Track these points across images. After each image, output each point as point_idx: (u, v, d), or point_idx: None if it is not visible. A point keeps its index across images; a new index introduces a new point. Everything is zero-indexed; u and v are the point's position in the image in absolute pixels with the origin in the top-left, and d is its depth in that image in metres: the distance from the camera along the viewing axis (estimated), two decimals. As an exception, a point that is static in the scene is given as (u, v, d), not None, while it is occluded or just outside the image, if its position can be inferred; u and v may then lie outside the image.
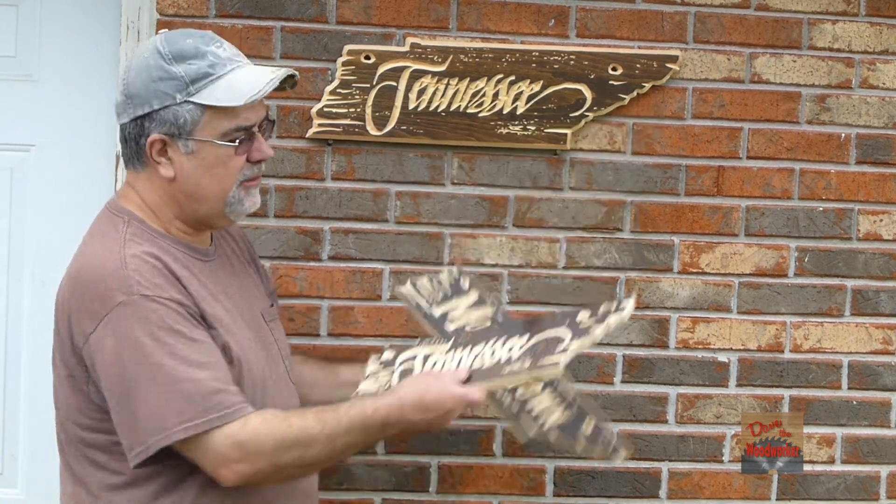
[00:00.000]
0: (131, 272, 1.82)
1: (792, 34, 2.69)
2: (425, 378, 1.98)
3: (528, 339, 2.08)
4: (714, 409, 2.72)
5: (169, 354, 1.79)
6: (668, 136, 2.67)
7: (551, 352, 2.03)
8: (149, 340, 1.79)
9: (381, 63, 2.57)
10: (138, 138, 1.92)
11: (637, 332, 2.69)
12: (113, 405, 1.83)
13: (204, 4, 2.55)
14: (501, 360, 2.05)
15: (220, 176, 1.94)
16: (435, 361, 2.11)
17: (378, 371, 2.16)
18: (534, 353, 2.03)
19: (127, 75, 1.93)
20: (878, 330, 2.76)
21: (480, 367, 2.05)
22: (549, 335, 2.08)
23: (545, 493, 2.70)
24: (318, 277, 2.61)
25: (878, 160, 2.73)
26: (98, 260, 1.86)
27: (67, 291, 1.89)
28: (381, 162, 2.61)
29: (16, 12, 2.72)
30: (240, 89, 1.91)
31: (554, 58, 2.60)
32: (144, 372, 1.79)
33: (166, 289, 1.84)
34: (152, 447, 1.79)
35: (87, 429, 1.90)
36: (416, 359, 2.14)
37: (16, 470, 2.78)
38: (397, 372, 2.13)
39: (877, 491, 2.78)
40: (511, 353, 2.06)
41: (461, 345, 2.13)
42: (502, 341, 2.10)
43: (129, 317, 1.79)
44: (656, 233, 2.68)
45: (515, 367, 2.02)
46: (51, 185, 2.74)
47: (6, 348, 2.76)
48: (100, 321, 1.81)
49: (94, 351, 1.82)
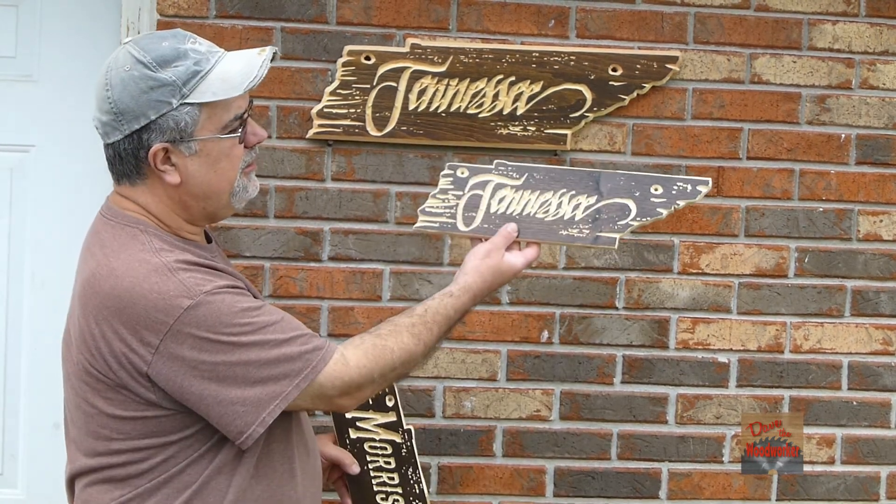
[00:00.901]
0: (183, 276, 1.82)
1: (792, 35, 2.69)
2: (491, 262, 2.09)
3: (596, 201, 2.13)
4: (714, 409, 2.72)
5: (254, 332, 1.83)
6: (668, 137, 2.67)
7: (612, 224, 2.11)
8: (230, 329, 1.82)
9: (382, 64, 2.57)
10: (136, 152, 1.87)
11: (637, 332, 2.70)
12: (207, 406, 1.83)
13: (204, 5, 2.55)
14: (564, 218, 2.13)
15: (225, 169, 1.93)
16: (503, 197, 2.17)
17: (448, 189, 2.21)
18: (595, 219, 2.12)
19: (110, 93, 1.86)
20: (878, 330, 2.76)
21: (543, 219, 2.14)
22: (615, 202, 2.13)
23: (545, 493, 2.70)
24: (319, 278, 2.61)
25: (878, 161, 2.73)
26: (139, 273, 1.83)
27: (108, 311, 1.83)
28: (382, 162, 2.61)
29: (16, 12, 2.72)
30: (234, 79, 1.89)
31: (554, 58, 2.60)
32: (235, 358, 1.81)
33: (219, 280, 1.86)
34: (269, 417, 1.84)
35: (119, 439, 1.90)
36: (486, 186, 2.19)
37: (16, 470, 2.78)
38: (466, 196, 2.18)
39: (877, 491, 2.78)
40: (575, 213, 2.13)
41: (531, 187, 2.17)
42: (570, 196, 2.14)
43: (202, 316, 1.80)
44: (656, 233, 2.68)
45: (574, 231, 2.12)
46: (51, 185, 2.74)
47: (6, 348, 2.76)
48: (167, 331, 1.80)
49: (170, 361, 1.81)
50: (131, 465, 1.88)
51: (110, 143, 1.89)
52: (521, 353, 2.67)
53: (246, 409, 1.83)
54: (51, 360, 2.08)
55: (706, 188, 2.12)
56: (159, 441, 1.87)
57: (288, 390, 1.84)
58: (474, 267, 2.08)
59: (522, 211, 2.15)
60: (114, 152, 1.90)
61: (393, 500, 2.42)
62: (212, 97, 1.87)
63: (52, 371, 2.07)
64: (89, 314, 1.85)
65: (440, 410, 2.67)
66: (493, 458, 2.68)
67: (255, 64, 1.91)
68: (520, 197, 2.17)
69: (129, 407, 1.86)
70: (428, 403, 2.66)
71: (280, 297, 2.58)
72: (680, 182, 2.12)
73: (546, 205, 2.15)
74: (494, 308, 2.66)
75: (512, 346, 2.67)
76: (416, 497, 2.43)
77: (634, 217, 2.11)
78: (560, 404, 2.68)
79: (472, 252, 2.12)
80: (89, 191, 2.68)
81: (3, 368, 2.76)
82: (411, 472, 2.42)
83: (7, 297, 2.75)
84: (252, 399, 1.83)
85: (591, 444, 2.70)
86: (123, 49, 1.88)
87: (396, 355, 1.95)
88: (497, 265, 2.09)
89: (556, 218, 2.14)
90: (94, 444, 1.90)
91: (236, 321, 1.82)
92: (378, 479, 2.41)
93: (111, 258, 1.87)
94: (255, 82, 1.90)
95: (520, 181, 2.18)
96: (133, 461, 1.88)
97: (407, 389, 2.64)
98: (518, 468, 2.68)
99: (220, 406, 1.83)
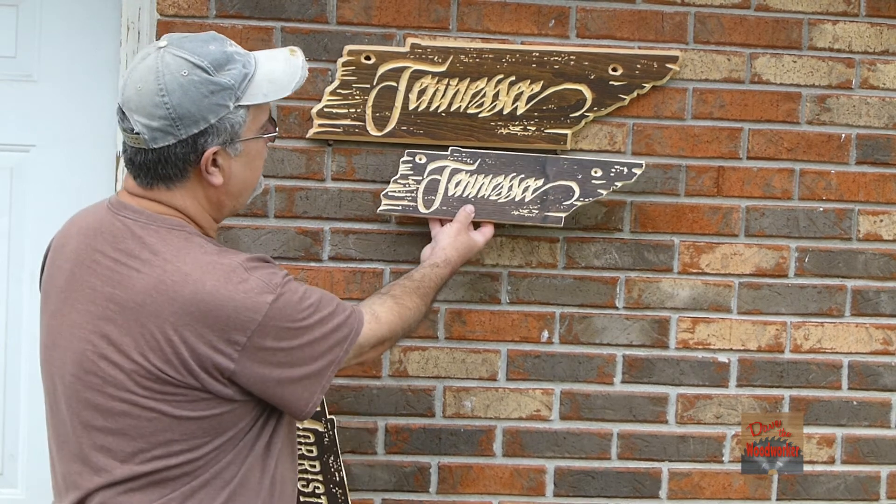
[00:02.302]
0: (259, 273, 1.89)
1: (792, 34, 2.69)
2: (463, 239, 2.45)
3: (543, 183, 2.50)
4: (714, 409, 2.72)
5: (313, 313, 1.94)
6: (669, 137, 2.67)
7: (558, 205, 2.51)
8: (300, 315, 1.92)
9: (382, 63, 2.57)
10: (187, 156, 1.88)
11: (637, 332, 2.70)
12: (282, 389, 1.92)
13: (204, 5, 2.55)
14: (515, 199, 2.50)
15: (257, 168, 2.00)
16: (459, 181, 2.51)
17: (408, 175, 2.53)
18: (543, 201, 2.50)
19: (167, 98, 1.84)
20: (879, 330, 2.76)
21: (496, 201, 2.51)
22: (560, 184, 2.51)
23: (545, 493, 2.70)
24: (319, 278, 2.61)
25: (878, 160, 2.73)
26: (219, 274, 1.85)
27: (193, 315, 1.83)
28: (382, 162, 2.61)
29: (16, 12, 2.72)
30: (281, 80, 1.94)
31: (554, 58, 2.60)
32: (307, 339, 1.93)
33: (277, 270, 1.95)
34: (327, 383, 1.98)
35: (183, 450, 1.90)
36: (443, 171, 2.52)
37: (16, 470, 2.78)
38: (424, 182, 2.52)
39: (877, 491, 2.78)
40: (525, 195, 2.50)
41: (484, 172, 2.51)
42: (520, 179, 2.51)
43: (282, 308, 1.89)
44: (656, 233, 2.68)
45: (524, 212, 2.51)
46: (51, 185, 2.74)
47: (6, 348, 2.76)
48: (255, 328, 1.86)
49: (252, 355, 1.87)
50: (187, 464, 1.89)
51: (157, 147, 1.87)
52: (521, 353, 2.67)
53: (311, 382, 1.95)
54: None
55: (640, 170, 2.52)
56: (217, 438, 1.90)
57: (340, 356, 1.98)
58: (450, 243, 2.42)
59: (477, 193, 2.51)
60: (159, 157, 1.88)
61: (314, 488, 2.52)
62: (262, 99, 1.92)
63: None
64: (165, 321, 1.83)
65: (440, 410, 2.66)
66: (493, 457, 2.68)
67: (295, 64, 1.98)
68: (474, 181, 2.52)
69: (198, 407, 1.88)
70: (428, 403, 2.66)
71: (280, 297, 2.59)
72: (617, 165, 2.51)
73: (498, 188, 2.51)
74: (494, 308, 2.66)
75: (512, 346, 2.67)
76: (336, 484, 2.53)
77: (578, 198, 2.51)
78: (560, 404, 2.68)
79: (442, 231, 2.47)
80: (89, 191, 2.69)
81: (3, 368, 2.76)
82: (332, 461, 2.52)
83: (7, 297, 2.75)
84: (316, 371, 1.95)
85: (591, 443, 2.70)
86: (168, 54, 1.87)
87: (412, 313, 2.19)
88: (466, 241, 2.45)
89: (507, 199, 2.51)
90: (147, 449, 1.87)
91: (303, 305, 1.92)
92: (300, 467, 2.50)
93: (178, 263, 1.86)
94: (300, 82, 1.97)
95: (474, 166, 2.52)
96: (190, 460, 1.89)
97: (407, 389, 2.64)
98: (518, 468, 2.68)
99: (293, 384, 1.94)
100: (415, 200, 2.52)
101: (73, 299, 1.91)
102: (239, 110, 1.89)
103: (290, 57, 1.98)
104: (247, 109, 1.91)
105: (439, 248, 2.41)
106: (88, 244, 1.92)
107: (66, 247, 1.97)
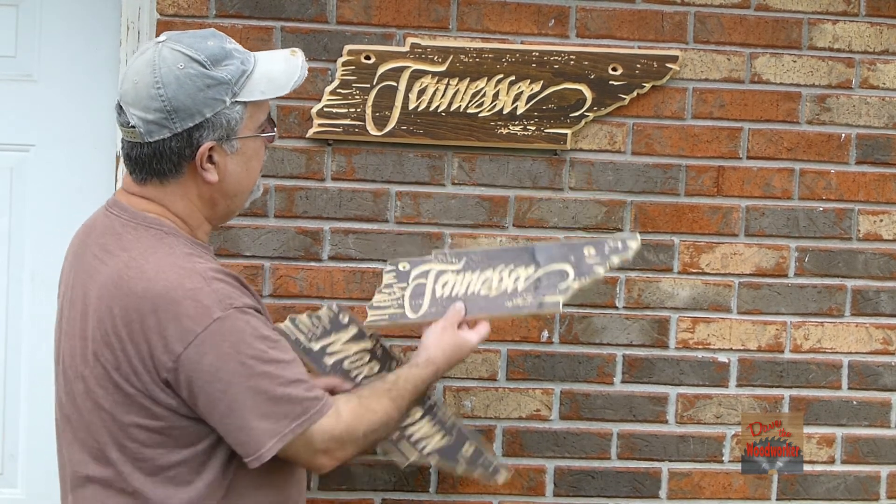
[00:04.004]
0: (217, 286, 1.82)
1: (792, 34, 2.69)
2: (448, 338, 2.17)
3: (534, 271, 2.23)
4: (714, 409, 2.72)
5: (266, 362, 1.83)
6: (669, 137, 2.67)
7: (553, 289, 2.21)
8: (250, 352, 1.81)
9: (382, 63, 2.57)
10: (182, 150, 1.86)
11: (637, 332, 2.70)
12: (218, 419, 1.83)
13: (204, 4, 2.55)
14: (507, 291, 2.23)
15: (255, 168, 1.97)
16: (446, 282, 2.28)
17: (392, 283, 2.33)
18: (537, 287, 2.21)
19: (162, 90, 1.83)
20: (879, 330, 2.76)
21: (487, 295, 2.24)
22: (553, 269, 2.23)
23: (545, 493, 2.70)
24: (319, 277, 2.61)
25: (878, 160, 2.73)
26: (172, 277, 1.81)
27: (140, 312, 1.81)
28: (382, 162, 2.61)
29: (16, 12, 2.72)
30: (279, 78, 1.93)
31: (554, 58, 2.60)
32: (251, 383, 1.81)
33: (246, 297, 1.86)
34: (268, 453, 1.84)
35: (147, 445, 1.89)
36: (429, 275, 2.30)
37: (16, 470, 2.78)
38: (410, 287, 2.31)
39: (877, 491, 2.78)
40: (517, 285, 2.23)
41: (471, 269, 2.28)
42: (510, 270, 2.25)
43: (228, 331, 1.80)
44: (656, 233, 2.68)
45: (518, 301, 2.22)
46: (51, 185, 2.74)
47: (6, 348, 2.76)
48: (193, 339, 1.79)
49: (190, 369, 1.80)
50: (139, 474, 1.87)
51: (152, 141, 1.87)
52: (520, 353, 2.67)
53: (249, 439, 1.84)
54: (51, 360, 2.07)
55: (636, 243, 2.24)
56: (178, 452, 1.86)
57: (285, 431, 1.84)
58: (435, 342, 2.16)
59: (467, 291, 2.25)
60: (154, 151, 1.87)
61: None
62: (260, 96, 1.91)
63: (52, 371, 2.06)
64: (116, 315, 1.83)
65: (440, 410, 2.67)
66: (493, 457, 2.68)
67: (295, 64, 1.96)
68: (462, 279, 2.27)
69: (144, 414, 1.85)
70: (428, 403, 2.66)
71: (280, 297, 2.59)
72: (610, 242, 2.24)
73: (488, 282, 2.25)
74: (494, 308, 2.66)
75: (512, 346, 2.67)
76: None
77: (574, 279, 2.21)
78: (560, 404, 2.68)
79: (428, 330, 2.20)
80: (89, 191, 2.69)
81: (3, 368, 2.76)
82: (395, 366, 2.40)
83: (7, 297, 2.75)
84: (256, 430, 1.83)
85: (591, 443, 2.70)
86: (166, 48, 1.87)
87: (378, 417, 1.99)
88: (454, 340, 2.17)
89: (499, 292, 2.23)
90: (103, 450, 1.88)
91: (256, 346, 1.82)
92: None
93: (140, 259, 1.85)
94: (299, 82, 1.95)
95: (459, 265, 2.29)
96: (144, 472, 1.87)
97: (407, 389, 2.64)
98: (518, 468, 2.68)
99: (227, 424, 1.84)
100: (402, 307, 2.30)
101: (69, 297, 1.94)
102: (236, 106, 1.88)
103: (290, 57, 1.97)
104: (244, 106, 1.89)
105: (422, 347, 2.17)
106: (83, 241, 1.96)
107: (71, 246, 2.01)
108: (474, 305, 2.23)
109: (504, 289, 2.23)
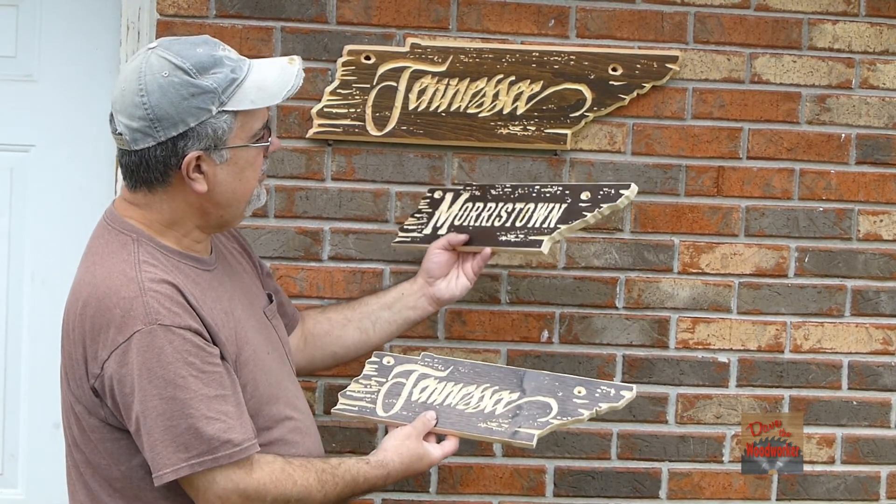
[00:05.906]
0: (150, 299, 1.79)
1: (792, 34, 2.69)
2: (410, 446, 2.07)
3: (518, 397, 2.16)
4: (714, 409, 2.72)
5: (178, 387, 1.78)
6: (668, 137, 2.67)
7: (532, 421, 2.11)
8: (163, 373, 1.77)
9: (382, 63, 2.57)
10: (167, 160, 1.84)
11: (637, 332, 2.70)
12: (133, 431, 1.82)
13: (204, 5, 2.55)
14: (485, 411, 2.14)
15: (249, 178, 1.92)
16: (426, 387, 2.21)
17: (371, 376, 2.26)
18: (516, 415, 2.13)
19: (146, 98, 1.82)
20: (878, 330, 2.76)
21: (463, 411, 2.15)
22: (537, 400, 2.15)
23: (545, 493, 2.70)
24: (319, 278, 2.61)
25: (878, 160, 2.73)
26: (114, 284, 1.81)
27: (80, 317, 1.83)
28: (382, 162, 2.61)
29: (16, 12, 2.72)
30: (271, 87, 1.89)
31: (554, 58, 2.60)
32: (159, 405, 1.78)
33: (183, 317, 1.81)
34: (164, 478, 1.79)
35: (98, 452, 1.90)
36: (410, 376, 2.24)
37: (16, 470, 2.78)
38: (388, 384, 2.24)
39: (877, 491, 2.78)
40: (496, 408, 2.15)
41: (455, 380, 2.21)
42: (493, 391, 2.18)
43: (147, 347, 1.77)
44: (656, 233, 2.68)
45: (493, 425, 2.12)
46: (51, 185, 2.74)
47: (6, 348, 2.76)
48: (115, 349, 1.78)
49: (111, 379, 1.79)
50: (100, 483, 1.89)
51: (137, 149, 1.85)
52: (521, 353, 2.67)
53: (153, 456, 1.80)
54: (51, 360, 2.07)
55: (630, 393, 2.15)
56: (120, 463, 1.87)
57: (182, 465, 1.78)
58: (394, 446, 2.07)
59: (443, 401, 2.18)
60: (140, 159, 1.86)
61: None
62: (250, 105, 1.87)
63: (53, 371, 2.07)
64: (68, 320, 1.86)
65: (440, 410, 2.66)
66: (493, 457, 2.68)
67: (290, 73, 1.91)
68: (442, 388, 2.21)
69: (88, 422, 1.87)
70: (428, 403, 2.66)
71: (280, 297, 2.59)
72: (603, 386, 2.15)
73: (468, 397, 2.18)
74: (494, 308, 2.66)
75: (512, 346, 2.67)
76: None
77: (555, 416, 2.12)
78: (560, 404, 2.68)
79: (393, 431, 2.11)
80: (89, 191, 2.69)
81: (3, 368, 2.76)
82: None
83: (7, 297, 2.75)
84: (159, 452, 1.79)
85: (591, 443, 2.70)
86: (154, 54, 1.85)
87: (296, 490, 1.89)
88: (416, 450, 2.08)
89: (476, 411, 2.15)
90: (72, 451, 1.92)
91: (172, 368, 1.77)
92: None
93: (97, 265, 1.86)
94: (292, 91, 1.91)
95: (444, 373, 2.23)
96: (105, 477, 1.89)
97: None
98: (518, 468, 2.68)
99: (139, 437, 1.81)
100: (374, 402, 2.22)
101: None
102: (223, 115, 1.85)
103: (286, 66, 1.93)
104: (233, 115, 1.86)
105: (381, 447, 2.07)
106: (86, 245, 1.97)
107: None
108: (446, 419, 2.15)
109: (482, 408, 2.15)
